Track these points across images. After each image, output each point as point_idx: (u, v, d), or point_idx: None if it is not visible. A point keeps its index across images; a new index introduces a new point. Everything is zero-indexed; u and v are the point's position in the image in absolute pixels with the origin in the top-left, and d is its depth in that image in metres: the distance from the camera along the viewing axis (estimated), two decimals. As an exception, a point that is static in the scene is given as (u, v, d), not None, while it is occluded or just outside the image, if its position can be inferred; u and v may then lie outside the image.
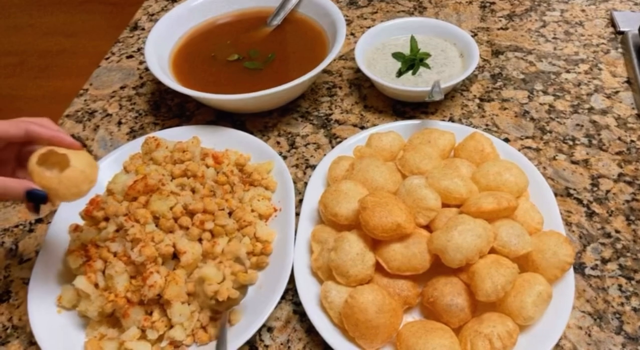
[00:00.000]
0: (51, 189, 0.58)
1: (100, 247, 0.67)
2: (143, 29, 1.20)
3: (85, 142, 0.94)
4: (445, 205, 0.70)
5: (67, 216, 0.74)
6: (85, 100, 1.03)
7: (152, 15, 1.24)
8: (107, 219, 0.70)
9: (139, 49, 1.14)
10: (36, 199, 0.57)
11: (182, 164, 0.76)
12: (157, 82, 1.04)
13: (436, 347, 0.59)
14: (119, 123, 0.97)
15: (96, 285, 0.65)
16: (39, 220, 0.82)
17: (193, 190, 0.74)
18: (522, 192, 0.73)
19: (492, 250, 0.65)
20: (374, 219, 0.64)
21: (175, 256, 0.68)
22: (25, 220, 0.82)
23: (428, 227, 0.69)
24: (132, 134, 0.95)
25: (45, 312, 0.67)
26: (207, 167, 0.78)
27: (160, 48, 0.97)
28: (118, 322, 0.66)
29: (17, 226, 0.81)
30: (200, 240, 0.70)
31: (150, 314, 0.65)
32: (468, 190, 0.70)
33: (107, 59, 1.13)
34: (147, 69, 1.08)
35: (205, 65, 0.98)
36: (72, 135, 0.96)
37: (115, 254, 0.66)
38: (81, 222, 0.72)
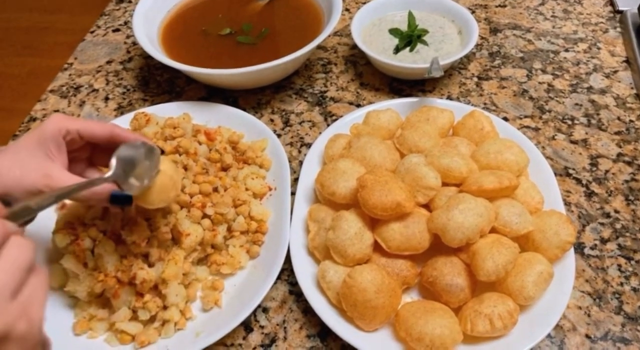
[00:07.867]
0: (141, 194, 0.55)
1: (89, 225, 0.64)
2: (130, 2, 1.15)
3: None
4: (444, 184, 0.68)
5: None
6: (70, 75, 0.99)
7: (140, -13, 1.19)
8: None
9: (125, 23, 1.10)
10: (121, 202, 0.55)
11: (174, 141, 0.74)
12: (146, 57, 1.00)
13: (436, 327, 0.58)
14: (106, 99, 0.94)
15: (85, 265, 0.63)
16: (23, 199, 0.79)
17: (185, 168, 0.71)
18: (522, 171, 0.71)
19: (493, 230, 0.64)
20: (374, 198, 0.63)
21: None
22: (9, 198, 0.79)
23: (427, 206, 0.68)
24: (120, 110, 0.91)
25: (32, 292, 0.64)
26: (200, 144, 0.75)
27: (148, 21, 0.93)
28: (108, 303, 0.64)
29: (0, 204, 0.78)
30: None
31: (142, 294, 0.63)
32: (468, 169, 0.68)
33: (92, 32, 1.08)
34: (134, 43, 1.04)
35: (196, 39, 0.95)
36: (57, 110, 0.92)
37: (105, 233, 0.64)
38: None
